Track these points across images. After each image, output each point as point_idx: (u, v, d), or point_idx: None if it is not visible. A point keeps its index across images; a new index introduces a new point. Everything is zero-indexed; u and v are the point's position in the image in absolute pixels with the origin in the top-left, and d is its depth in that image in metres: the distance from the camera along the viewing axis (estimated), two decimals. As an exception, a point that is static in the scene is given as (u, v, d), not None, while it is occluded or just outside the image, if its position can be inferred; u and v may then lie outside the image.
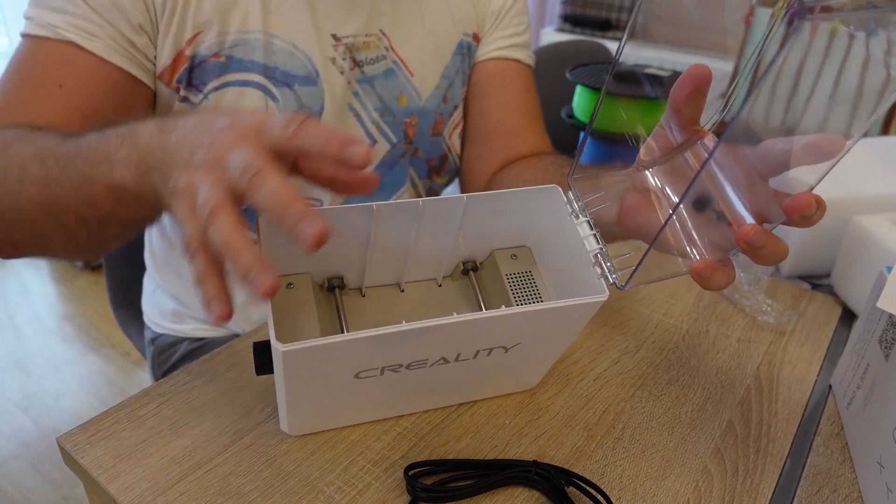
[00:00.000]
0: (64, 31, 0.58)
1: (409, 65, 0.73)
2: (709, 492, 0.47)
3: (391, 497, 0.45)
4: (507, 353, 0.46)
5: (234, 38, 0.63)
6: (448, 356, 0.44)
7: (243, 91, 0.65)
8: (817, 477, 0.49)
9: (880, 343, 0.49)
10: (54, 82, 0.58)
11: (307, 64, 0.66)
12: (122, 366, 1.80)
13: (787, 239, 0.73)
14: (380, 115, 0.72)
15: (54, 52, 0.58)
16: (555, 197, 0.49)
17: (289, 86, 0.66)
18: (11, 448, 1.53)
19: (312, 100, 0.67)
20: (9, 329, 1.93)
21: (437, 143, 0.78)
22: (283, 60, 0.65)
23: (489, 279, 0.53)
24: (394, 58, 0.72)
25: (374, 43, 0.70)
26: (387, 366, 0.42)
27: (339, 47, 0.68)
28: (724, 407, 0.55)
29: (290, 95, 0.66)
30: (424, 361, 0.43)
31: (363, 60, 0.70)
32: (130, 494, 0.44)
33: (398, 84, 0.72)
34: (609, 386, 0.56)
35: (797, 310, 0.69)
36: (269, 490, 0.45)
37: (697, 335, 0.64)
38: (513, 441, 0.50)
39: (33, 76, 0.59)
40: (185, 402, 0.52)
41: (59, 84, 0.58)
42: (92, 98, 0.60)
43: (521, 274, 0.52)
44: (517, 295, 0.51)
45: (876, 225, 0.65)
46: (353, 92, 0.70)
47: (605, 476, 0.47)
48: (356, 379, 0.43)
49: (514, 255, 0.53)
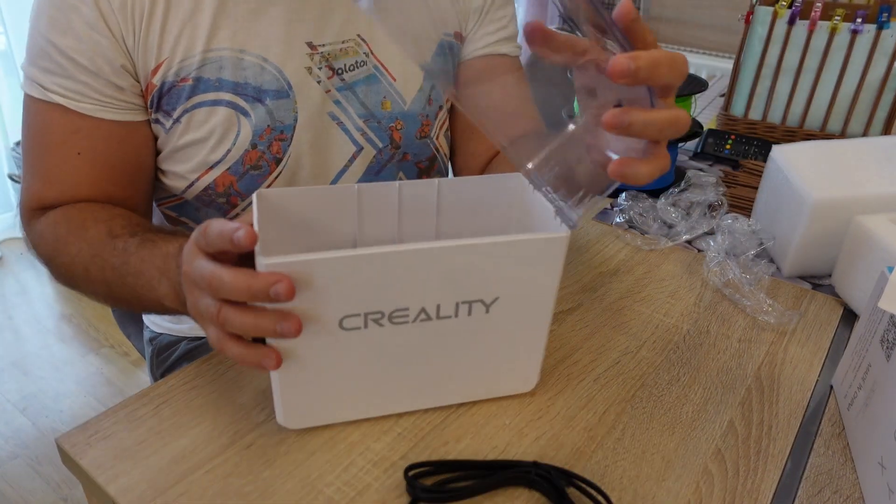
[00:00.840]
0: (53, 93, 0.60)
1: (391, 69, 0.72)
2: (709, 492, 0.46)
3: (391, 498, 0.44)
4: (489, 314, 0.47)
5: (200, 58, 0.63)
6: (428, 306, 0.45)
7: (213, 110, 0.64)
8: (818, 478, 0.49)
9: (882, 343, 0.49)
10: (72, 151, 0.62)
11: (278, 77, 0.66)
12: (121, 366, 1.80)
13: (787, 239, 0.73)
14: (364, 122, 0.71)
15: (62, 119, 0.61)
16: (518, 181, 0.55)
17: (260, 101, 0.65)
18: (10, 448, 1.52)
19: (284, 113, 0.67)
20: (7, 329, 1.93)
21: (425, 146, 0.77)
22: (254, 76, 0.65)
23: None
24: (375, 63, 0.71)
25: (352, 49, 0.69)
26: (369, 312, 0.44)
27: (314, 56, 0.67)
28: (725, 407, 0.55)
29: (261, 110, 0.65)
30: (406, 312, 0.45)
31: (342, 68, 0.69)
32: (129, 495, 0.43)
33: (381, 89, 0.72)
34: (609, 386, 0.56)
35: (798, 310, 0.69)
36: (269, 491, 0.44)
37: (698, 335, 0.64)
38: (513, 441, 0.50)
39: (53, 147, 0.62)
40: (184, 402, 0.51)
41: (78, 152, 0.62)
42: (108, 156, 0.64)
43: None
44: None
45: (877, 225, 0.65)
46: (333, 100, 0.69)
47: (606, 477, 0.47)
48: (342, 330, 0.44)
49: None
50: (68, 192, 0.63)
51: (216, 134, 0.65)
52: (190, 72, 0.63)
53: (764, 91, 1.11)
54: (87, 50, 0.59)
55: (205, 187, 0.67)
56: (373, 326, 0.45)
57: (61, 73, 0.60)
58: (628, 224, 0.84)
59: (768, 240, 0.75)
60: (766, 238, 0.75)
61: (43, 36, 0.59)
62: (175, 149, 0.66)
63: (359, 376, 0.47)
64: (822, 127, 1.08)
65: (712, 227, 0.81)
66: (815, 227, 0.70)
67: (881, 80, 1.01)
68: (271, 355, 0.43)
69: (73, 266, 0.59)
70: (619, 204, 0.86)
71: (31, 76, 0.61)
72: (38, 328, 1.94)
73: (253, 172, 0.67)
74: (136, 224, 0.60)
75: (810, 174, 0.72)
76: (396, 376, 0.48)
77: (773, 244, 0.76)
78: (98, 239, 0.58)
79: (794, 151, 0.77)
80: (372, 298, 0.43)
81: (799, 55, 1.05)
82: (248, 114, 0.65)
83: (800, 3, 1.03)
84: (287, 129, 0.67)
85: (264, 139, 0.66)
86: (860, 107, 1.05)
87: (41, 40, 0.60)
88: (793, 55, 1.06)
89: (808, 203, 0.69)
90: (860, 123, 1.06)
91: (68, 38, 0.59)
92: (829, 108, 1.07)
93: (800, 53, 1.05)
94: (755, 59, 1.09)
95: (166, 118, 0.64)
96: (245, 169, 0.67)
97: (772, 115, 1.12)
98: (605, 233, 0.82)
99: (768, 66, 1.09)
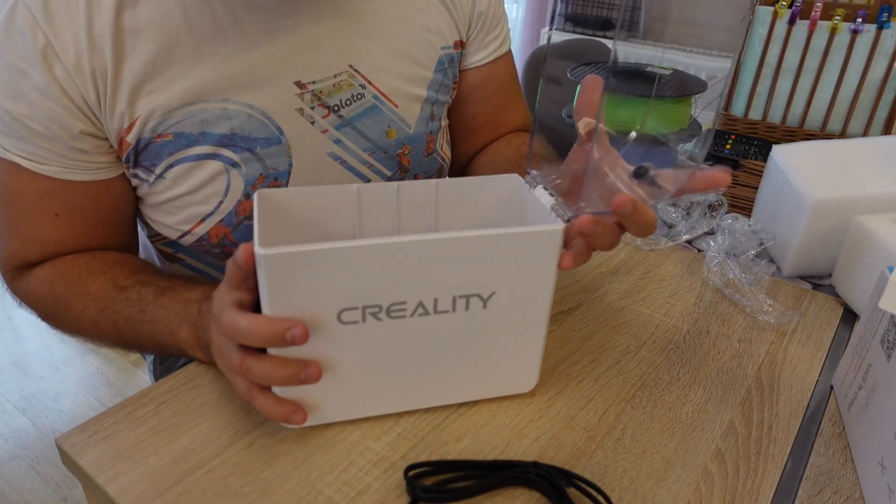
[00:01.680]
0: (14, 157, 0.56)
1: (391, 96, 0.67)
2: (710, 492, 0.46)
3: (391, 498, 0.44)
4: (486, 309, 0.47)
5: (179, 115, 0.58)
6: (425, 300, 0.45)
7: (197, 164, 0.60)
8: (819, 478, 0.49)
9: (882, 343, 0.49)
10: (48, 213, 0.59)
11: (268, 124, 0.61)
12: (121, 366, 1.80)
13: (787, 239, 0.73)
14: (370, 155, 0.68)
15: (30, 182, 0.58)
16: (515, 182, 0.55)
17: (250, 150, 0.61)
18: (10, 448, 1.52)
19: (277, 160, 0.62)
20: (7, 329, 1.93)
21: (433, 161, 0.75)
22: (240, 125, 0.60)
23: None
24: (374, 92, 0.66)
25: (346, 82, 0.64)
26: (367, 306, 0.44)
27: (305, 95, 0.62)
28: (725, 407, 0.55)
29: (251, 159, 0.61)
30: (403, 306, 0.45)
31: (338, 104, 0.64)
32: (129, 495, 0.43)
33: (384, 119, 0.67)
34: (610, 386, 0.56)
35: (798, 310, 0.69)
36: (269, 491, 0.44)
37: (698, 335, 0.64)
38: (513, 441, 0.50)
39: (27, 209, 0.59)
40: (184, 402, 0.51)
41: (55, 213, 0.59)
42: (86, 214, 0.61)
43: None
44: None
45: (877, 225, 0.65)
46: (332, 140, 0.65)
47: (606, 477, 0.47)
48: (341, 324, 0.44)
49: None
50: (51, 251, 0.61)
51: (204, 188, 0.61)
52: (168, 127, 0.58)
53: (764, 91, 1.11)
54: (41, 117, 0.54)
55: (197, 239, 0.64)
56: (371, 321, 0.45)
57: (19, 136, 0.55)
58: (628, 224, 0.84)
59: (768, 240, 0.75)
60: (767, 238, 0.75)
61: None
62: (161, 202, 0.62)
63: (358, 374, 0.47)
64: (823, 127, 1.08)
65: (712, 227, 0.81)
66: (815, 226, 0.70)
67: (881, 80, 1.01)
68: (299, 412, 0.46)
69: (81, 321, 0.58)
70: (619, 204, 0.86)
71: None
72: (38, 328, 1.94)
73: (248, 223, 0.64)
74: (140, 270, 0.59)
75: (810, 174, 0.72)
76: (396, 374, 0.48)
77: (774, 244, 0.76)
78: (104, 293, 0.57)
79: (795, 151, 0.77)
80: (369, 291, 0.44)
81: (799, 55, 1.05)
82: (238, 164, 0.61)
83: (800, 2, 1.03)
84: (282, 175, 0.63)
85: (258, 188, 0.62)
86: (860, 107, 1.05)
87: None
88: (793, 55, 1.06)
89: (808, 203, 0.69)
90: (860, 123, 1.06)
91: (20, 104, 0.54)
92: (829, 108, 1.07)
93: (800, 53, 1.05)
94: (755, 58, 1.09)
95: (147, 174, 0.60)
96: (239, 220, 0.63)
97: (772, 115, 1.12)
98: (605, 233, 0.82)
99: (768, 65, 1.09)
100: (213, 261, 0.70)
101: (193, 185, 0.61)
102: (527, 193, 0.52)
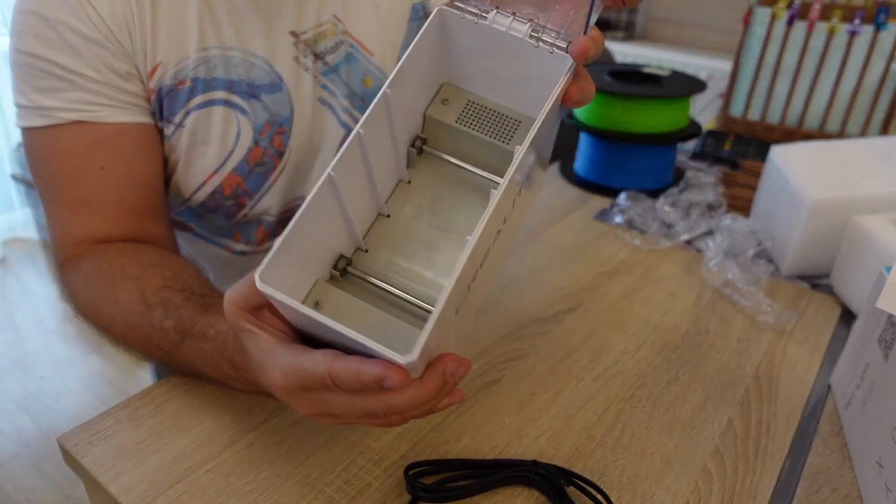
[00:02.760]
0: (63, 113, 0.57)
1: (367, 45, 0.71)
2: (708, 491, 0.47)
3: (391, 497, 0.45)
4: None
5: (194, 59, 0.61)
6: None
7: (211, 111, 0.63)
8: (817, 477, 0.49)
9: (880, 343, 0.49)
10: (95, 167, 0.59)
11: (269, 71, 0.65)
12: (122, 366, 1.80)
13: (786, 239, 0.74)
14: (349, 102, 0.71)
15: (77, 137, 0.58)
16: (450, 17, 0.42)
17: (255, 97, 0.65)
18: (12, 448, 1.53)
19: (280, 106, 0.66)
20: (9, 329, 1.93)
21: None
22: (245, 72, 0.64)
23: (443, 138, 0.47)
24: (350, 41, 0.70)
25: (329, 30, 0.68)
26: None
27: (299, 45, 0.67)
28: (724, 407, 0.55)
29: (258, 106, 0.65)
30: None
31: (324, 51, 0.68)
32: (131, 494, 0.44)
33: (361, 67, 0.71)
34: (609, 386, 0.56)
35: (797, 310, 0.69)
36: (270, 490, 0.45)
37: (697, 335, 0.64)
38: (513, 441, 0.50)
39: (72, 171, 0.59)
40: (185, 402, 0.52)
41: (101, 167, 0.59)
42: (133, 164, 0.61)
43: (467, 109, 0.46)
44: (482, 130, 0.46)
45: (875, 225, 0.65)
46: (321, 85, 0.69)
47: (605, 476, 0.47)
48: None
49: (444, 99, 0.46)
50: (96, 217, 0.60)
51: (217, 135, 0.64)
52: (187, 74, 0.62)
53: (762, 92, 1.11)
54: (91, 61, 0.57)
55: (211, 192, 0.67)
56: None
57: (68, 87, 0.57)
58: (628, 224, 0.84)
59: (767, 240, 0.75)
60: (765, 238, 0.75)
61: (36, 56, 0.56)
62: (178, 155, 0.65)
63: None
64: (821, 127, 1.08)
65: (711, 227, 0.81)
66: (813, 227, 0.71)
67: (879, 81, 1.02)
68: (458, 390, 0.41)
69: (110, 331, 0.56)
70: (619, 204, 0.87)
71: (30, 104, 0.58)
72: (40, 328, 1.94)
73: (258, 170, 0.67)
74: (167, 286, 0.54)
75: (809, 174, 0.72)
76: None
77: (772, 244, 0.76)
78: (131, 308, 0.54)
79: (793, 152, 0.77)
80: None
81: (797, 56, 1.06)
82: (246, 111, 0.65)
83: (798, 4, 1.03)
84: (286, 121, 0.67)
85: (265, 135, 0.66)
86: (858, 107, 1.05)
87: (35, 61, 0.56)
88: (791, 56, 1.06)
89: (806, 203, 0.70)
90: (858, 124, 1.06)
91: (67, 55, 0.56)
92: (827, 109, 1.07)
93: (798, 54, 1.05)
94: (754, 59, 1.10)
95: (168, 125, 0.63)
96: (251, 167, 0.67)
97: (770, 115, 1.12)
98: (604, 233, 0.82)
99: (767, 66, 1.09)
100: (222, 222, 0.71)
101: (207, 132, 0.64)
102: (472, 26, 0.41)
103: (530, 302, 0.67)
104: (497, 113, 0.46)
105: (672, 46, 2.51)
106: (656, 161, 0.94)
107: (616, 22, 2.64)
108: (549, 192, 0.94)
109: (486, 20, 0.41)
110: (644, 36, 2.66)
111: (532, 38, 0.40)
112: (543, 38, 0.40)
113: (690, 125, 0.95)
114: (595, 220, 0.86)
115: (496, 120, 0.46)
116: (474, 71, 0.46)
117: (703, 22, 2.45)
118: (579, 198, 0.92)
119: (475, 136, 0.46)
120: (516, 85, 0.45)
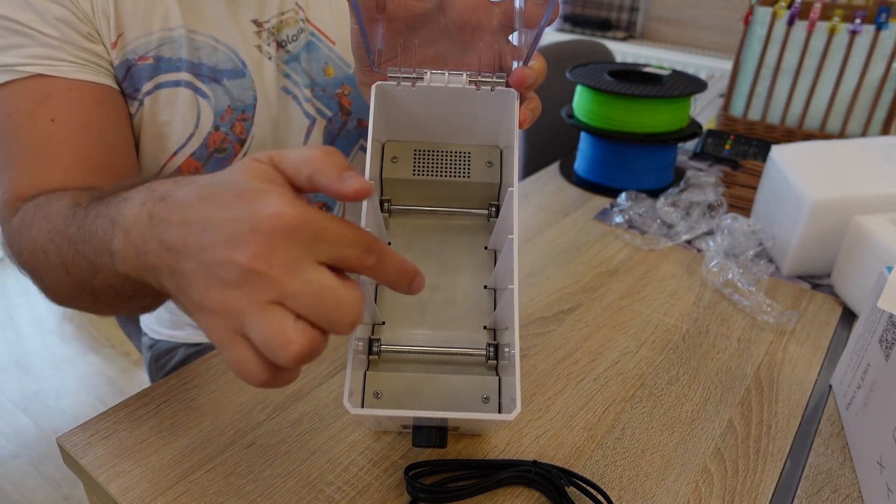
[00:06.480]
0: (24, 66, 0.56)
1: (328, 33, 0.71)
2: (709, 492, 0.47)
3: (391, 497, 0.45)
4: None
5: (158, 37, 0.62)
6: None
7: (175, 91, 0.63)
8: (817, 477, 0.49)
9: (880, 343, 0.49)
10: (45, 119, 0.56)
11: (232, 57, 0.65)
12: (122, 366, 1.80)
13: (786, 239, 0.74)
14: (310, 91, 0.71)
15: (28, 92, 0.56)
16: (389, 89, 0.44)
17: (217, 81, 0.65)
18: (11, 448, 1.53)
19: (243, 93, 0.66)
20: (9, 329, 1.93)
21: None
22: (208, 56, 0.64)
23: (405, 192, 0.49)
24: (311, 29, 0.70)
25: (291, 19, 0.69)
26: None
27: (262, 33, 0.67)
28: (725, 407, 0.55)
29: (219, 90, 0.65)
30: None
31: (286, 39, 0.68)
32: (130, 494, 0.44)
33: (321, 55, 0.71)
34: (609, 386, 0.56)
35: (797, 310, 0.69)
36: (270, 490, 0.45)
37: (697, 335, 0.64)
38: (513, 441, 0.50)
39: (23, 123, 0.56)
40: (184, 402, 0.52)
41: (51, 118, 0.56)
42: (89, 119, 0.58)
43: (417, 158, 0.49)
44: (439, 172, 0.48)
45: (876, 225, 0.65)
46: (284, 74, 0.69)
47: (606, 476, 0.47)
48: None
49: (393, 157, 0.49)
50: (46, 168, 0.55)
51: (179, 116, 0.63)
52: (149, 49, 0.61)
53: (763, 91, 1.11)
54: (50, 19, 0.56)
55: (171, 175, 0.64)
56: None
57: (28, 42, 0.55)
58: (628, 224, 0.84)
59: (767, 240, 0.75)
60: (766, 238, 0.75)
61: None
62: (139, 133, 0.64)
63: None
64: (821, 127, 1.08)
65: (712, 227, 0.81)
66: (814, 227, 0.70)
67: (880, 81, 1.02)
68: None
69: (35, 253, 0.47)
70: (619, 204, 0.86)
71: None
72: (40, 328, 1.94)
73: (218, 156, 0.67)
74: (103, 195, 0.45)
75: (809, 174, 0.72)
76: None
77: (773, 244, 0.76)
78: (59, 212, 0.46)
79: (794, 151, 0.77)
80: None
81: (798, 56, 1.05)
82: (207, 95, 0.64)
83: (799, 3, 1.03)
84: (248, 108, 0.67)
85: (226, 120, 0.65)
86: (859, 107, 1.05)
87: None
88: (792, 56, 1.06)
89: (807, 203, 0.69)
90: (859, 124, 1.06)
91: (26, 12, 0.55)
92: (827, 109, 1.07)
93: (799, 54, 1.05)
94: (754, 59, 1.09)
95: (131, 102, 0.62)
96: (209, 153, 0.66)
97: (771, 115, 1.12)
98: (604, 233, 0.82)
99: (767, 66, 1.09)
100: None
101: (169, 113, 0.63)
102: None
103: (530, 302, 0.67)
104: (445, 152, 0.49)
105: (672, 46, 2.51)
106: (656, 161, 0.94)
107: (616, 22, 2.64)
108: (549, 192, 0.94)
109: (424, 81, 0.43)
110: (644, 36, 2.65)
111: (472, 84, 0.43)
112: (482, 80, 0.43)
113: (691, 125, 0.95)
114: (595, 220, 0.86)
115: (447, 158, 0.49)
116: (414, 123, 0.48)
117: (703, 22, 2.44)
118: (579, 198, 0.92)
119: (434, 181, 0.48)
120: (461, 124, 0.48)
